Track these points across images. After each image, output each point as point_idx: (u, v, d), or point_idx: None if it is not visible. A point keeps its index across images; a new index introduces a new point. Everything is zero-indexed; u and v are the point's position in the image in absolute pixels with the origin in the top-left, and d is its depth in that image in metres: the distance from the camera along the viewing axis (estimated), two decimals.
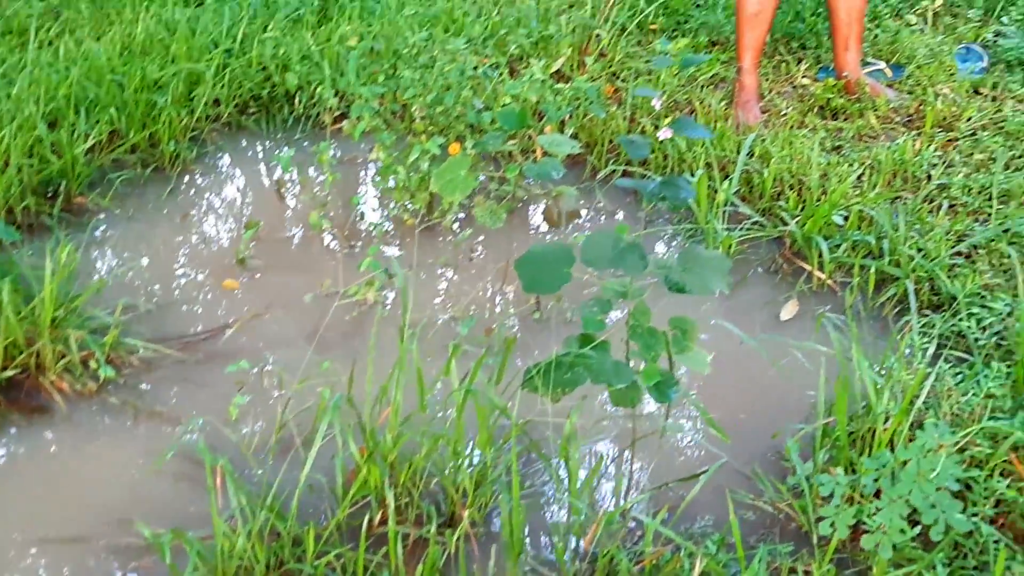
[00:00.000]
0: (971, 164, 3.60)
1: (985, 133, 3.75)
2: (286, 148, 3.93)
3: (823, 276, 3.20)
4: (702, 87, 4.21)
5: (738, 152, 3.60)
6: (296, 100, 4.14)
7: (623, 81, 4.25)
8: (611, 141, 3.87)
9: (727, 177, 3.50)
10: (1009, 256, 3.02)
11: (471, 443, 2.42)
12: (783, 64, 4.40)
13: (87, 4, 4.52)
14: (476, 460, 2.41)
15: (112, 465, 2.58)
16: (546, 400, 2.28)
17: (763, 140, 3.74)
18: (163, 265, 3.34)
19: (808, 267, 3.25)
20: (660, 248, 3.46)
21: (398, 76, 3.69)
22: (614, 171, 3.72)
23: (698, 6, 4.85)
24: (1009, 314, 2.80)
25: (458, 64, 3.59)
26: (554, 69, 4.21)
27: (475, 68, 3.78)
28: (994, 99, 4.02)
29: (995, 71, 4.23)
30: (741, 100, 4.05)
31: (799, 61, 4.41)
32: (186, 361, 2.92)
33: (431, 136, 3.46)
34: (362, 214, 3.57)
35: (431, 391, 2.56)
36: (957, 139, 3.76)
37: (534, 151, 3.66)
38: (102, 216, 3.54)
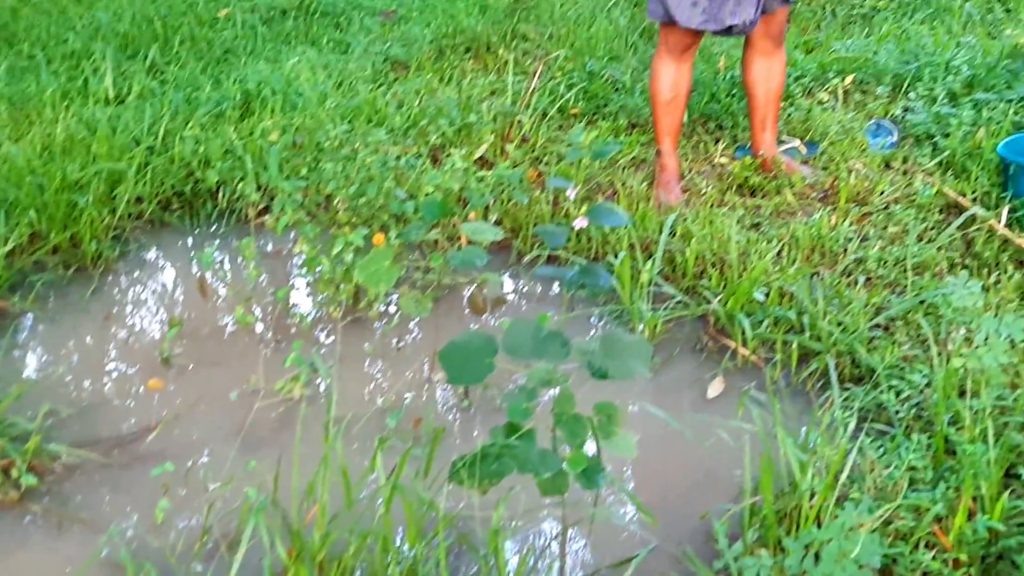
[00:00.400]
0: (885, 237, 3.69)
1: (897, 206, 3.85)
2: (209, 243, 3.92)
3: (747, 353, 3.24)
4: (624, 169, 4.29)
5: (660, 232, 3.65)
6: (219, 195, 4.14)
7: (546, 165, 4.31)
8: (536, 225, 3.91)
9: (650, 257, 3.55)
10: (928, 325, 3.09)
11: (400, 538, 2.41)
12: (702, 144, 4.49)
13: (6, 105, 4.50)
14: (406, 556, 2.39)
15: None
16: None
17: (685, 219, 3.80)
18: (86, 367, 3.30)
19: (732, 344, 3.29)
20: (587, 329, 3.48)
21: (320, 168, 3.71)
22: (539, 255, 3.75)
23: (617, 90, 4.95)
24: (927, 385, 2.85)
25: (380, 155, 3.62)
26: (477, 156, 4.26)
27: (397, 158, 3.82)
28: (905, 173, 4.13)
29: (904, 145, 4.35)
30: (662, 181, 4.12)
31: (717, 141, 4.51)
32: (111, 465, 2.87)
33: (355, 227, 3.47)
34: (288, 307, 3.55)
35: (359, 487, 2.54)
36: (871, 213, 3.86)
37: (459, 238, 3.69)
38: (23, 319, 3.50)
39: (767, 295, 3.35)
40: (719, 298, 3.38)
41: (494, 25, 5.79)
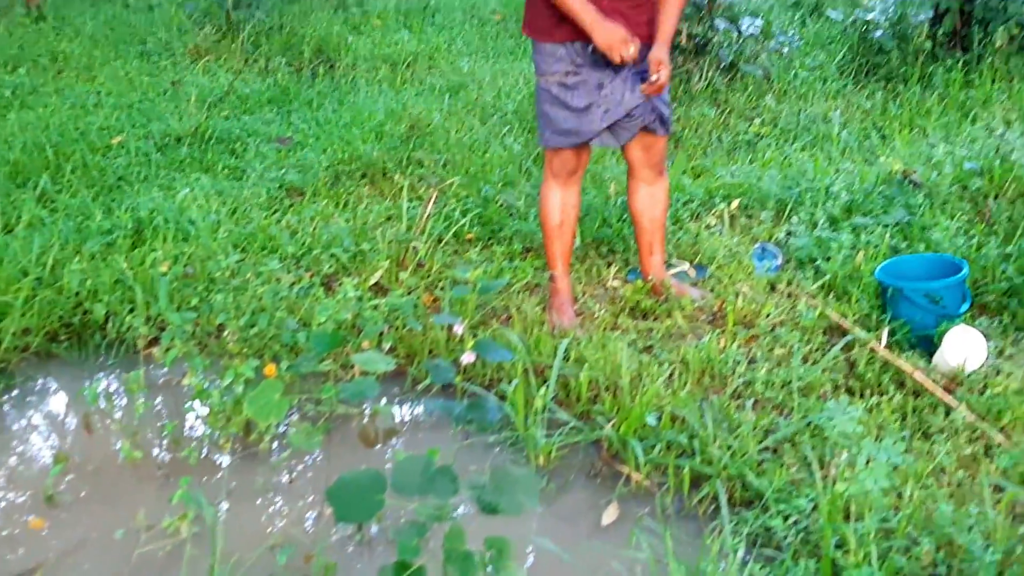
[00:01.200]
0: (772, 359, 3.77)
1: (783, 328, 3.94)
2: (98, 375, 3.85)
3: (640, 478, 3.26)
4: (518, 293, 4.33)
5: (555, 357, 3.68)
6: (108, 325, 4.07)
7: (441, 290, 4.34)
8: (431, 352, 3.91)
9: (545, 382, 3.56)
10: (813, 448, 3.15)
11: None
12: (595, 267, 4.57)
13: None
14: None
15: None
16: None
17: (579, 343, 3.84)
18: None
19: (626, 469, 3.30)
20: (483, 457, 3.46)
21: (211, 299, 3.68)
22: (434, 383, 3.74)
23: (511, 215, 5.03)
24: (814, 509, 2.90)
25: (272, 285, 3.61)
26: (372, 282, 4.27)
27: (291, 286, 3.82)
28: (789, 295, 4.24)
29: (788, 269, 4.47)
30: (556, 304, 4.18)
31: (609, 264, 4.60)
32: None
33: (246, 358, 3.45)
34: (177, 441, 3.48)
35: None
36: (758, 335, 3.94)
37: (353, 366, 3.67)
38: None
39: (659, 419, 3.38)
40: (612, 423, 3.41)
41: (390, 151, 5.86)
